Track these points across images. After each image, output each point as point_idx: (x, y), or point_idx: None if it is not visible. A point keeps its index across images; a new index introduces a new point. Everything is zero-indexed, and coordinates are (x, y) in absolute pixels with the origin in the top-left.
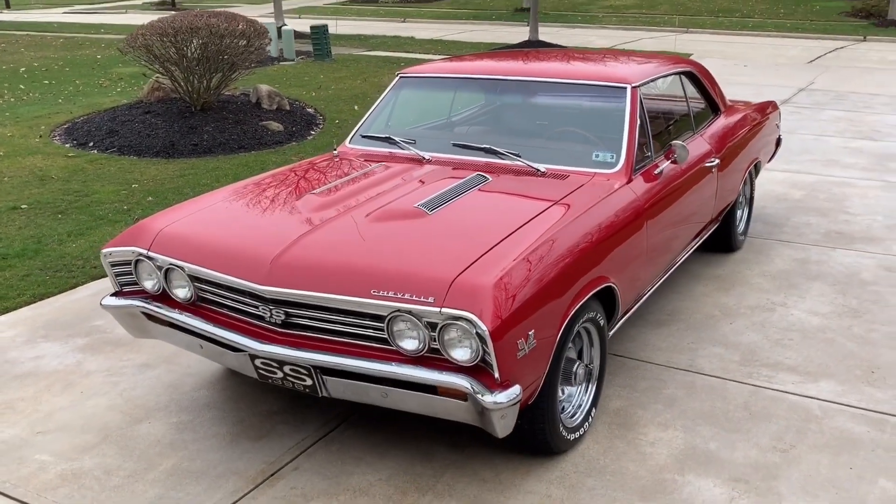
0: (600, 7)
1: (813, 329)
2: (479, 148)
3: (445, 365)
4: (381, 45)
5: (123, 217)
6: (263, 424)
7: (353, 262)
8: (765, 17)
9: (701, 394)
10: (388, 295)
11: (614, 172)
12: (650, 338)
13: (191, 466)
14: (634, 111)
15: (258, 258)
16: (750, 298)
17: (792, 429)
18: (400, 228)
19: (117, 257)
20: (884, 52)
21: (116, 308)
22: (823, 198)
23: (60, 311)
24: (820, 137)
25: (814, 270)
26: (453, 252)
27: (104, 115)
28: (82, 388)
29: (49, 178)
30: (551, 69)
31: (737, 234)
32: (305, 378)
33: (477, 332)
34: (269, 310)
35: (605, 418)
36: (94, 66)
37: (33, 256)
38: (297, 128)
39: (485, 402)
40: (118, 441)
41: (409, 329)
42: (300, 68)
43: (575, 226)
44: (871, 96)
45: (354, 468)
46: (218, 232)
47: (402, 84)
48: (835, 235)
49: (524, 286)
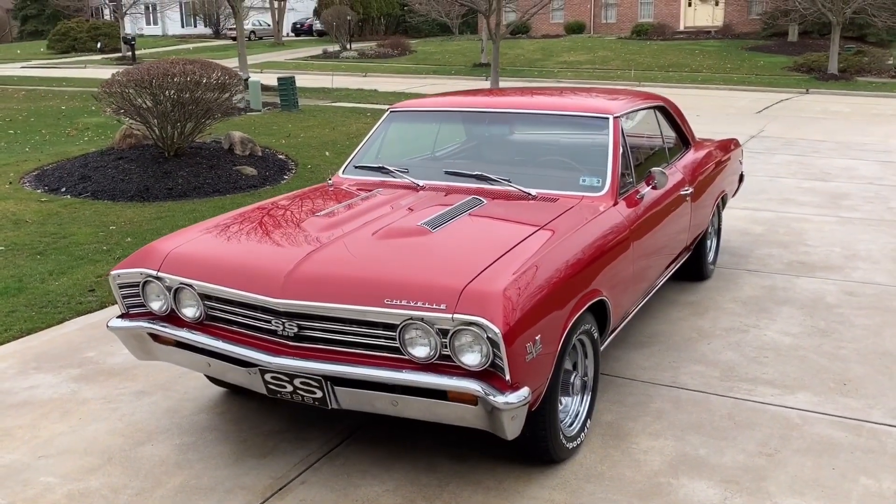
0: (555, 62)
1: (786, 347)
2: (471, 175)
3: (455, 371)
4: (346, 97)
5: (104, 256)
6: (266, 443)
7: (365, 274)
8: (712, 72)
9: (687, 406)
10: (401, 303)
11: (601, 196)
12: (634, 358)
13: (199, 483)
14: (617, 139)
15: (272, 273)
16: (724, 321)
17: (775, 435)
18: (406, 244)
19: (126, 279)
20: (826, 104)
21: (123, 329)
22: (783, 232)
23: (50, 344)
24: (774, 178)
25: (781, 296)
26: (460, 264)
27: (75, 161)
28: (80, 415)
29: (23, 221)
30: (537, 102)
31: (707, 262)
32: (315, 390)
33: (488, 336)
34: (281, 323)
35: (598, 430)
36: (59, 117)
37: (16, 294)
38: (270, 172)
39: (496, 402)
40: (122, 462)
41: (420, 336)
42: (268, 118)
43: (570, 242)
44: (819, 142)
45: (361, 480)
46: (228, 251)
47: (392, 118)
48: (797, 265)
49: (529, 294)
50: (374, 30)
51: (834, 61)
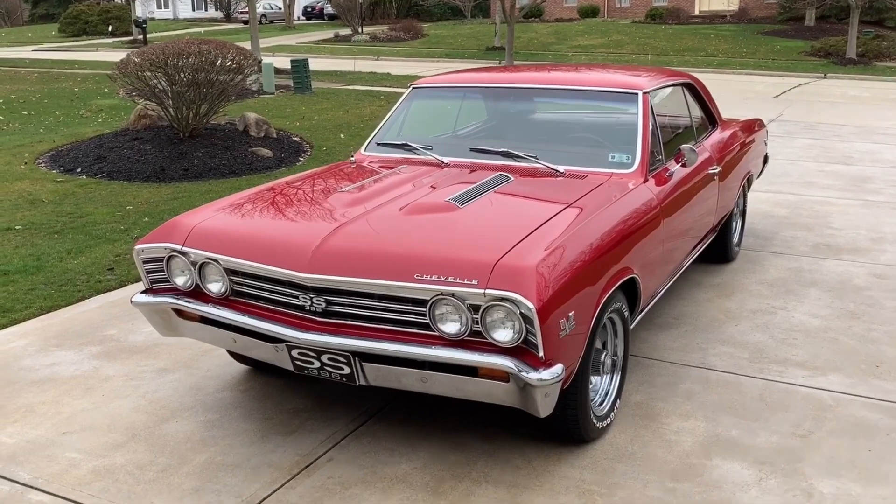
0: (569, 46)
1: (815, 329)
2: (496, 152)
3: (486, 347)
4: (359, 80)
5: (122, 236)
6: (292, 421)
7: (395, 248)
8: (728, 56)
9: (717, 388)
10: (432, 279)
11: (631, 172)
12: (661, 339)
13: (224, 460)
14: (647, 115)
15: (300, 247)
16: (751, 303)
17: (808, 417)
18: (434, 220)
19: (150, 254)
20: (844, 88)
21: (147, 305)
22: (807, 215)
23: (70, 322)
24: (796, 162)
25: (808, 278)
26: (491, 239)
27: (89, 142)
28: (103, 392)
29: (40, 201)
30: (564, 77)
31: (732, 244)
32: (343, 366)
33: (521, 311)
34: (309, 298)
35: (627, 410)
36: (72, 99)
37: (35, 272)
38: (285, 154)
39: (530, 379)
40: (147, 439)
41: (451, 312)
42: (281, 101)
43: (601, 219)
44: (839, 126)
45: (388, 458)
46: (254, 226)
47: (414, 94)
48: (823, 247)
49: (562, 270)
50: (385, 13)
51: (852, 46)
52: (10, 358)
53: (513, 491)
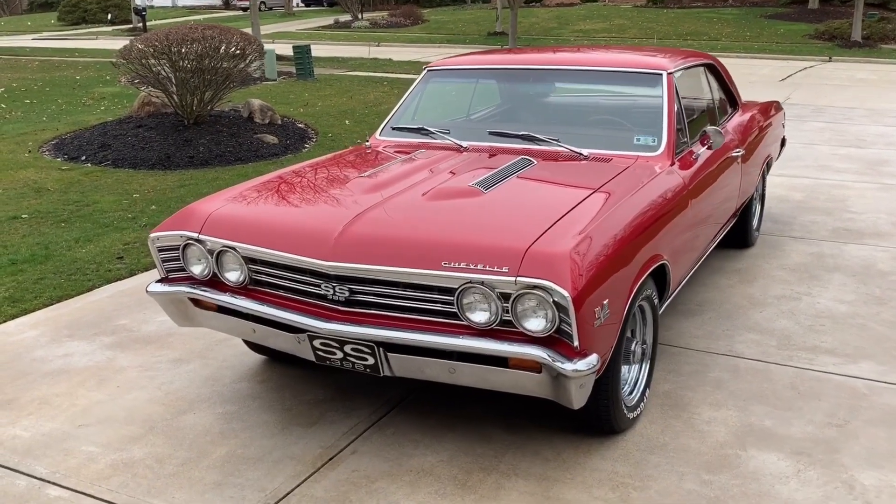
0: (571, 31)
1: (842, 315)
2: (517, 135)
3: (516, 336)
4: (361, 66)
5: (130, 224)
6: (312, 412)
7: (420, 235)
8: (732, 40)
9: (746, 376)
10: (460, 266)
11: (657, 155)
12: (686, 326)
13: (245, 453)
14: (672, 96)
15: (321, 235)
16: (774, 289)
17: (843, 406)
18: (459, 205)
19: (165, 242)
20: (850, 71)
21: (163, 294)
22: (824, 198)
23: (81, 312)
24: (808, 145)
25: (830, 263)
26: (519, 225)
27: (93, 130)
28: (118, 383)
29: (45, 189)
30: (585, 58)
31: (752, 229)
32: (367, 357)
33: (555, 300)
34: (332, 287)
35: (656, 400)
36: (74, 87)
37: (44, 261)
38: (291, 141)
39: (565, 370)
40: (165, 431)
41: (479, 301)
42: (284, 87)
43: (632, 203)
44: (849, 109)
45: (413, 450)
46: (272, 212)
47: (429, 77)
48: (843, 232)
49: (596, 256)
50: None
51: (857, 28)
52: (21, 349)
53: (544, 484)
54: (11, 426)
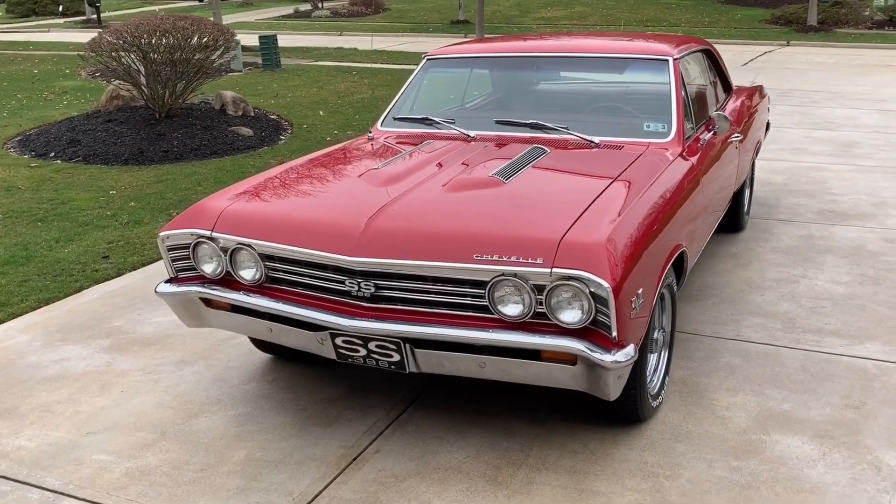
0: (533, 19)
1: (841, 297)
2: (525, 123)
3: (548, 329)
4: (326, 55)
5: (111, 222)
6: (328, 411)
7: (449, 227)
8: (691, 26)
9: (758, 360)
10: (493, 259)
11: (668, 142)
12: (690, 312)
13: (265, 456)
14: (679, 82)
15: (345, 230)
16: (771, 272)
17: (857, 387)
18: (483, 196)
19: (175, 241)
20: (809, 55)
21: (173, 295)
22: (805, 181)
23: (72, 314)
24: (781, 129)
25: (821, 245)
26: (549, 214)
27: (60, 125)
28: (121, 388)
29: (15, 188)
30: (589, 45)
31: (744, 213)
32: (393, 353)
33: (591, 291)
34: (357, 283)
35: (673, 387)
36: (33, 81)
37: (25, 263)
38: (266, 133)
39: (604, 361)
40: (178, 436)
41: (512, 293)
42: (251, 78)
43: (653, 192)
44: (813, 92)
45: (438, 447)
46: (288, 207)
47: (429, 65)
48: (829, 213)
49: (629, 245)
50: None
51: (813, 13)
52: (13, 355)
53: (575, 477)
54: (15, 437)
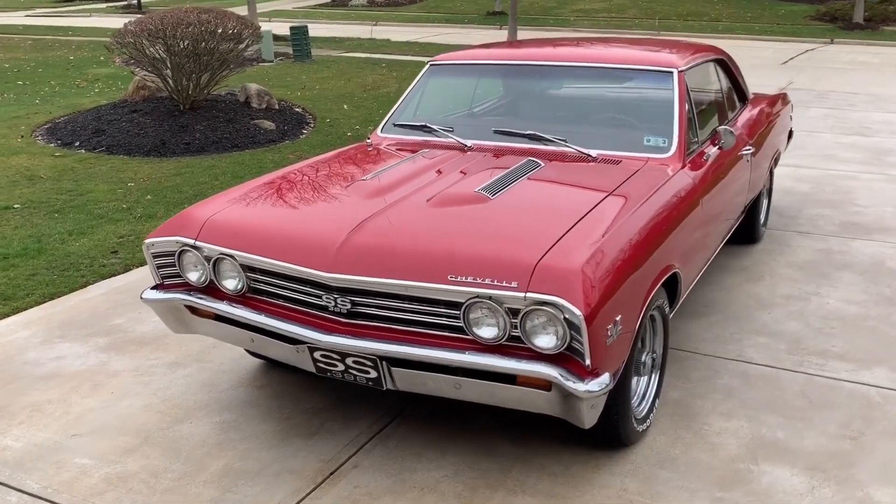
0: (571, 10)
1: (853, 317)
2: (522, 134)
3: (524, 353)
4: (359, 46)
5: (125, 215)
6: (312, 422)
7: (425, 246)
8: (733, 21)
9: (757, 383)
10: (467, 280)
11: (668, 157)
12: (693, 329)
13: (243, 467)
14: (683, 95)
15: (321, 244)
16: (782, 288)
17: (857, 416)
18: (465, 213)
19: (160, 248)
20: (853, 54)
21: (158, 302)
22: (830, 190)
23: (75, 311)
24: (812, 133)
25: (839, 260)
26: (529, 235)
27: (87, 114)
28: (112, 389)
29: (38, 177)
30: (593, 54)
31: (759, 225)
32: (370, 370)
33: (565, 317)
34: (333, 299)
35: (665, 409)
36: (67, 67)
37: (36, 256)
38: (288, 126)
39: (577, 390)
40: (161, 442)
41: (487, 316)
42: (281, 69)
43: (645, 210)
44: (852, 95)
45: (416, 464)
46: (272, 218)
47: (432, 71)
48: (851, 226)
49: (609, 269)
50: None
51: (860, 10)
52: (13, 350)
53: (551, 502)
54: (2, 436)
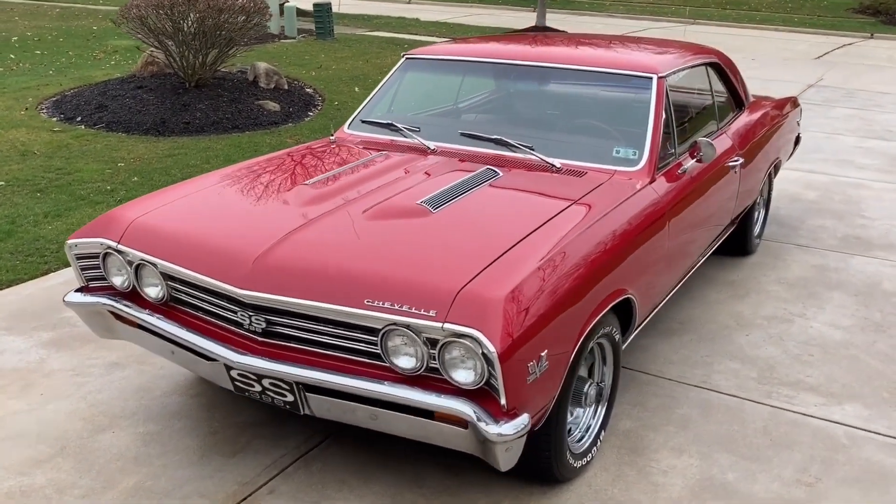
0: None
1: (835, 344)
2: (489, 139)
3: (445, 386)
4: (385, 25)
5: (105, 198)
6: (239, 438)
7: (345, 266)
8: (772, 11)
9: (717, 415)
10: (384, 306)
11: (636, 171)
12: (662, 349)
13: (154, 486)
14: (660, 104)
15: (238, 258)
16: (767, 308)
17: (817, 459)
18: (400, 228)
19: (84, 249)
20: (891, 50)
21: (81, 305)
22: (839, 199)
23: (29, 300)
24: (832, 136)
25: (833, 278)
26: (458, 258)
27: (95, 88)
28: (43, 390)
29: (31, 153)
30: (571, 55)
31: (752, 237)
32: (286, 394)
33: (483, 352)
34: (248, 316)
35: (613, 441)
36: (88, 38)
37: (5, 238)
38: (294, 108)
39: (488, 433)
40: (76, 453)
41: (405, 345)
42: (301, 47)
43: (594, 231)
44: (882, 94)
45: (336, 493)
46: (196, 225)
47: (407, 66)
48: (853, 240)
49: (538, 300)
50: None
51: None
52: None
53: None
54: None
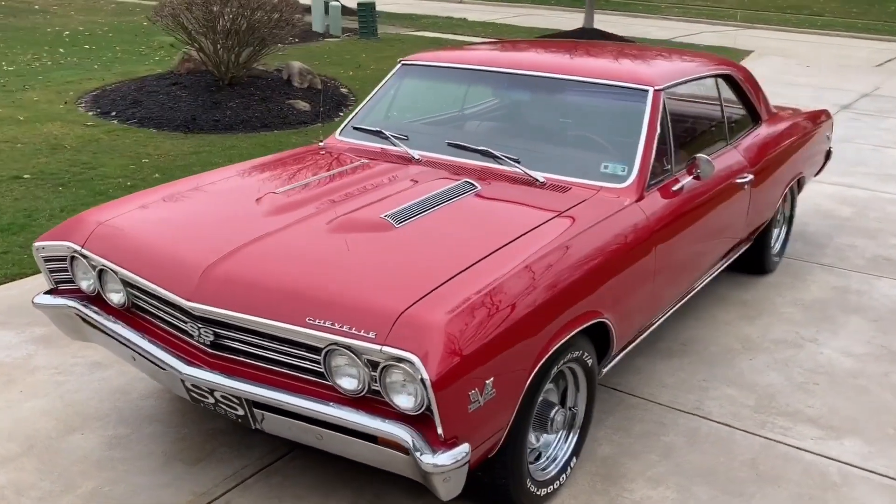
0: None
1: (843, 373)
2: (475, 150)
3: (389, 410)
4: (432, 25)
5: (123, 194)
6: (204, 445)
7: (291, 281)
8: (835, 16)
9: (704, 444)
10: (325, 325)
11: (623, 187)
12: (658, 371)
13: (111, 492)
14: (655, 118)
15: (188, 268)
16: (777, 330)
17: (804, 497)
18: (357, 243)
19: (51, 252)
20: None
21: (50, 307)
22: (874, 217)
23: (28, 295)
24: (878, 148)
25: (853, 302)
26: (409, 277)
27: (133, 84)
28: (23, 388)
29: (61, 146)
30: (568, 65)
31: (771, 255)
32: (238, 408)
33: (421, 377)
34: (197, 328)
35: (588, 466)
36: (137, 34)
37: (18, 232)
38: (325, 108)
39: (423, 463)
40: (42, 454)
41: (347, 366)
42: (343, 46)
43: (565, 250)
44: None
45: None
46: (156, 233)
47: (404, 72)
48: (882, 261)
49: (485, 324)
50: None
51: None
52: None
53: None
54: None
